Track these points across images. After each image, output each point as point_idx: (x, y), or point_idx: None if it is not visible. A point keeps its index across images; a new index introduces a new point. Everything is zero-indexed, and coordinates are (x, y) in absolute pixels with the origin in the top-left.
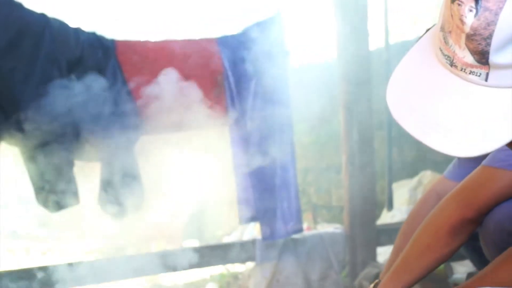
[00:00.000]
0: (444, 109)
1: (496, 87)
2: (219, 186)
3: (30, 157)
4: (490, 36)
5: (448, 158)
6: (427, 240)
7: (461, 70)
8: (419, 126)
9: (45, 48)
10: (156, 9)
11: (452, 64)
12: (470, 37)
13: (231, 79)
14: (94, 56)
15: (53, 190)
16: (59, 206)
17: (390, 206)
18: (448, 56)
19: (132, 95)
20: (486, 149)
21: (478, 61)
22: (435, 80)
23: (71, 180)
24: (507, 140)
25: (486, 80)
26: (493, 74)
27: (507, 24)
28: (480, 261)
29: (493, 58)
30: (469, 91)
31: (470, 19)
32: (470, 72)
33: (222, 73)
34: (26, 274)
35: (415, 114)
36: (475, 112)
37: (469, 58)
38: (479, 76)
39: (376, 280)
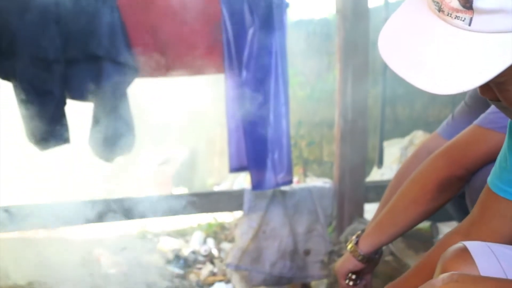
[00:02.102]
0: (429, 50)
1: (478, 31)
2: (211, 134)
3: (22, 92)
4: None
5: (440, 119)
6: (414, 194)
7: (448, 15)
8: (404, 65)
9: None
10: None
11: (440, 9)
12: None
13: (229, 27)
14: None
15: (44, 128)
16: (49, 144)
17: (380, 164)
18: (437, 2)
19: (128, 36)
20: (463, 87)
21: (463, 6)
22: (423, 24)
23: (62, 119)
24: (484, 81)
25: (469, 25)
26: (476, 19)
27: None
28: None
29: (476, 3)
30: (454, 35)
31: None
32: (456, 17)
33: (220, 20)
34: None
35: (402, 54)
36: (458, 54)
37: (455, 3)
38: (463, 20)
39: (358, 232)
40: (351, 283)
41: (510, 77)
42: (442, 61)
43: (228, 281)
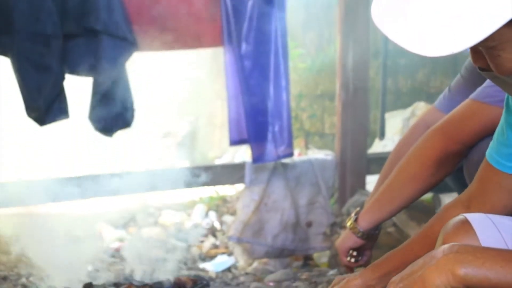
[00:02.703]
0: (420, 13)
1: None
2: (212, 107)
3: (20, 68)
4: None
5: (441, 90)
6: (412, 170)
7: None
8: (395, 28)
9: None
10: None
11: None
12: None
13: None
14: None
15: (43, 102)
16: (48, 119)
17: (382, 135)
18: None
19: (127, 10)
20: (454, 49)
21: None
22: None
23: (61, 93)
24: (475, 41)
25: None
26: None
27: None
28: None
29: None
30: None
31: None
32: None
33: None
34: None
35: (393, 18)
36: (449, 17)
37: None
38: None
39: (358, 209)
40: (352, 259)
41: (501, 41)
42: (433, 24)
43: (230, 254)
